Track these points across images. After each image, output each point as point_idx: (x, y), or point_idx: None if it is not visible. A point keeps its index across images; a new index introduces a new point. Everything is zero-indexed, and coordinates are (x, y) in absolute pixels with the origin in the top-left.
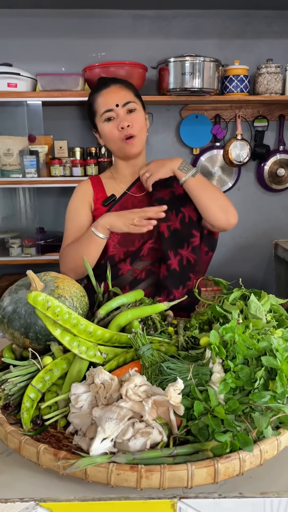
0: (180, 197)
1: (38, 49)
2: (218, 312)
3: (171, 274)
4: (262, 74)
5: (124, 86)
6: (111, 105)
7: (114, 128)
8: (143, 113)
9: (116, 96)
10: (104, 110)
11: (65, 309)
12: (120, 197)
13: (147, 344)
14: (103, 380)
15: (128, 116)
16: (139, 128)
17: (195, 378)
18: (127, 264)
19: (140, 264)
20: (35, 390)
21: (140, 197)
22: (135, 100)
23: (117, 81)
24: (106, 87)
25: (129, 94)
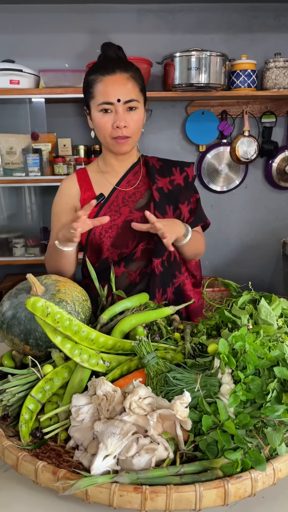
0: (178, 190)
1: (41, 45)
2: (226, 317)
3: (165, 270)
4: (270, 68)
5: (132, 77)
6: (112, 98)
7: (108, 123)
8: (143, 111)
9: (120, 90)
10: (102, 101)
11: (65, 315)
12: (110, 194)
13: (152, 352)
14: (105, 391)
15: (127, 114)
16: (135, 130)
17: (203, 390)
18: (121, 267)
19: (134, 265)
20: (34, 401)
21: (130, 191)
22: (139, 96)
23: (125, 68)
24: (111, 72)
25: (135, 88)
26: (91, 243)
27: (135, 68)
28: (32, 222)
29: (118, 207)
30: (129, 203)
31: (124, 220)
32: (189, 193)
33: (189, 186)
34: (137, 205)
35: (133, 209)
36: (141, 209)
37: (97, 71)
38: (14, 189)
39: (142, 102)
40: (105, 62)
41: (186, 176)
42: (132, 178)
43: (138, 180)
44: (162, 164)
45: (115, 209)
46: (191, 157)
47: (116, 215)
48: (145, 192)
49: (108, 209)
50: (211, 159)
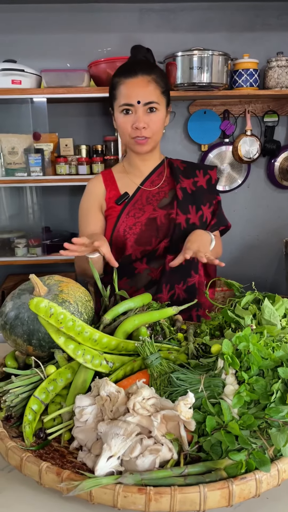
0: (201, 192)
1: (42, 45)
2: (229, 317)
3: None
4: (272, 67)
5: (154, 80)
6: (132, 100)
7: (128, 123)
8: (164, 113)
9: (141, 92)
10: (123, 103)
11: (68, 316)
12: (134, 194)
13: (155, 353)
14: (109, 392)
15: (146, 116)
16: (155, 130)
17: (206, 390)
18: (143, 263)
19: (156, 263)
20: (38, 402)
21: (154, 190)
22: (160, 99)
23: (147, 70)
24: (134, 75)
25: (156, 91)
26: (116, 240)
27: (159, 71)
28: (34, 222)
29: (142, 205)
30: (152, 201)
31: (147, 218)
32: (211, 196)
33: (212, 188)
34: (160, 203)
35: (157, 207)
36: (164, 207)
37: (121, 74)
38: (16, 189)
39: (163, 104)
40: (129, 65)
41: (209, 178)
42: (156, 178)
43: (162, 180)
44: (186, 166)
45: (139, 207)
46: (193, 156)
47: (140, 213)
48: (169, 192)
49: (132, 207)
50: (213, 158)
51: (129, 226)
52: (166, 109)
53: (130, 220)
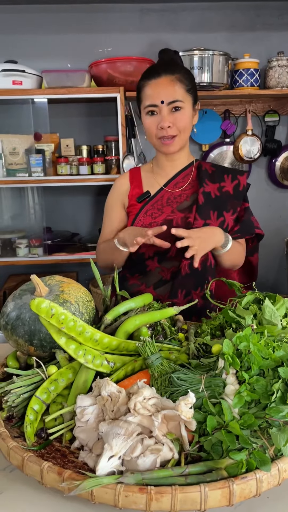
0: (226, 198)
1: (43, 46)
2: (230, 317)
3: (193, 273)
4: (273, 67)
5: (177, 79)
6: (156, 100)
7: (154, 124)
8: (191, 111)
9: (164, 92)
10: (148, 104)
11: (70, 316)
12: (156, 194)
13: (156, 353)
14: (110, 392)
15: (171, 115)
16: (181, 128)
17: (207, 390)
18: (155, 262)
19: (168, 263)
20: (39, 402)
21: (177, 192)
22: (184, 97)
23: (171, 70)
24: (157, 76)
25: (180, 90)
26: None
27: (183, 70)
28: (36, 222)
29: (161, 206)
30: (173, 203)
31: (164, 219)
32: (237, 202)
33: (238, 194)
34: (180, 206)
35: (175, 209)
36: (183, 210)
37: (145, 77)
38: (17, 190)
39: (189, 102)
40: (153, 67)
41: (237, 184)
42: (180, 180)
43: (186, 183)
44: (215, 170)
45: (157, 207)
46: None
47: (158, 213)
48: (191, 195)
49: (151, 206)
50: (214, 158)
51: (145, 225)
52: (193, 107)
53: (147, 219)
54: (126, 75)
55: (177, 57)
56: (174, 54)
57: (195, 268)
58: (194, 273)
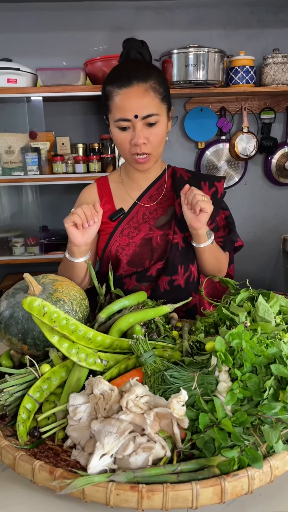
0: None
1: (38, 43)
2: (224, 315)
3: (173, 290)
4: (268, 64)
5: (151, 88)
6: (128, 115)
7: (126, 140)
8: (166, 123)
9: (138, 104)
10: (118, 118)
11: (62, 314)
12: (130, 210)
13: (149, 351)
14: (102, 390)
15: (146, 130)
16: (157, 145)
17: (200, 388)
18: (132, 280)
19: (147, 282)
20: (32, 400)
21: (152, 207)
22: (159, 109)
23: (144, 77)
24: (128, 85)
25: (155, 100)
26: (107, 258)
27: (156, 73)
28: (32, 221)
29: (137, 223)
30: (149, 219)
31: (143, 238)
32: (215, 211)
33: (216, 203)
34: (157, 222)
35: (153, 226)
36: (161, 227)
37: (113, 82)
38: (13, 188)
39: (164, 113)
40: (122, 71)
41: (215, 192)
42: (154, 192)
43: (161, 195)
44: (191, 176)
45: (134, 225)
46: (190, 154)
47: (135, 232)
48: (168, 208)
49: (126, 225)
50: (210, 156)
51: (121, 246)
52: (167, 116)
53: (123, 239)
54: None
55: (144, 50)
56: (141, 45)
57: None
58: (174, 290)
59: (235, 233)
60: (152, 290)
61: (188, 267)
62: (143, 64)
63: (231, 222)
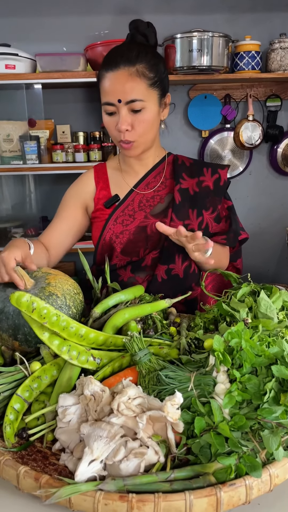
0: (205, 194)
1: (37, 28)
2: (224, 310)
3: (171, 279)
4: (275, 49)
5: (138, 72)
6: (112, 99)
7: (112, 125)
8: (155, 109)
9: (121, 89)
10: (104, 101)
11: (52, 310)
12: (126, 197)
13: (144, 349)
14: (93, 391)
15: (130, 116)
16: (141, 132)
17: (197, 389)
18: (127, 271)
19: (143, 273)
20: (20, 400)
21: (149, 194)
22: (146, 95)
23: (132, 61)
24: (115, 67)
25: (140, 86)
26: (102, 247)
27: (148, 58)
28: (31, 211)
29: (133, 211)
30: (145, 207)
31: (137, 226)
32: (217, 199)
33: (219, 190)
34: (154, 210)
35: (149, 214)
36: (157, 215)
37: (103, 65)
38: (12, 178)
39: (153, 99)
40: (112, 54)
41: (218, 178)
42: (152, 180)
43: (159, 182)
44: (193, 163)
45: (129, 213)
46: (194, 143)
47: (130, 220)
48: (166, 196)
49: (121, 212)
50: (214, 144)
51: (115, 234)
52: (159, 102)
53: (117, 227)
54: None
55: (149, 32)
56: (147, 27)
57: (174, 274)
58: (172, 279)
59: (238, 225)
60: (149, 282)
61: (187, 257)
62: (136, 46)
63: (234, 213)
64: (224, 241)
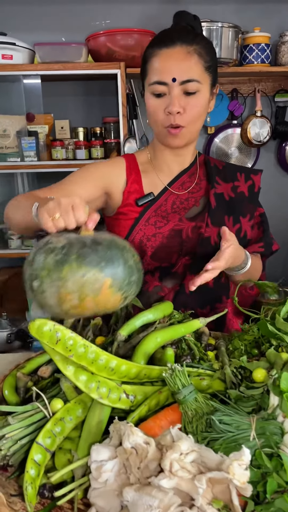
0: (241, 200)
1: (35, 17)
2: (270, 333)
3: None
4: (285, 42)
5: (196, 52)
6: (165, 77)
7: (160, 108)
8: (208, 96)
9: (178, 66)
10: (154, 80)
11: (79, 340)
12: (159, 196)
13: (188, 385)
14: (135, 443)
15: (183, 98)
16: (194, 117)
17: (260, 438)
18: (155, 278)
19: (170, 281)
20: (41, 450)
21: (183, 195)
22: (202, 76)
23: (190, 39)
24: (170, 44)
25: (198, 66)
26: None
27: (204, 41)
28: None
29: (166, 212)
30: (179, 210)
31: (171, 229)
32: (252, 206)
33: (253, 197)
34: (189, 213)
35: (184, 217)
36: (193, 218)
37: (154, 44)
38: (8, 176)
39: (207, 84)
40: (166, 33)
41: (252, 185)
42: (187, 180)
43: (193, 183)
44: (226, 166)
45: (162, 214)
46: (199, 139)
47: (163, 222)
48: (201, 199)
49: (154, 213)
50: (221, 142)
51: (147, 236)
52: (210, 90)
53: (149, 229)
54: (127, 50)
55: (196, 24)
56: (193, 19)
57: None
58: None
59: (269, 235)
60: (176, 292)
61: None
62: (193, 30)
63: (266, 222)
64: (262, 249)
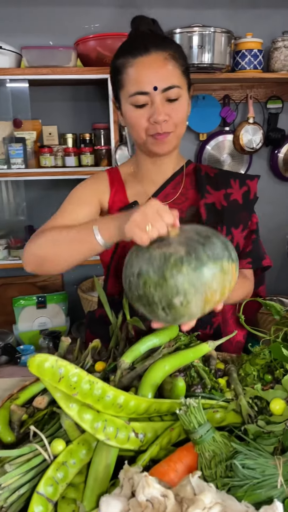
0: (235, 209)
1: (22, 19)
2: (283, 356)
3: None
4: (278, 48)
5: (171, 57)
6: (146, 87)
7: (143, 118)
8: (187, 99)
9: (157, 74)
10: (135, 91)
11: (84, 376)
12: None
13: (205, 423)
14: (150, 496)
15: (166, 106)
16: (179, 122)
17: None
18: None
19: None
20: (43, 501)
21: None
22: (181, 81)
23: (163, 45)
24: (145, 53)
25: (175, 70)
26: (117, 262)
27: (176, 45)
28: (16, 220)
29: None
30: None
31: None
32: (246, 214)
33: (248, 205)
34: None
35: None
36: None
37: (126, 53)
38: None
39: (185, 88)
40: (136, 40)
41: (247, 192)
42: (171, 191)
43: (177, 193)
44: (218, 173)
45: None
46: (191, 146)
47: None
48: (187, 209)
49: None
50: (212, 149)
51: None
52: (188, 93)
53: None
54: None
55: (156, 28)
56: (152, 23)
57: None
58: None
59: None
60: None
61: None
62: (162, 35)
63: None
64: (249, 265)
